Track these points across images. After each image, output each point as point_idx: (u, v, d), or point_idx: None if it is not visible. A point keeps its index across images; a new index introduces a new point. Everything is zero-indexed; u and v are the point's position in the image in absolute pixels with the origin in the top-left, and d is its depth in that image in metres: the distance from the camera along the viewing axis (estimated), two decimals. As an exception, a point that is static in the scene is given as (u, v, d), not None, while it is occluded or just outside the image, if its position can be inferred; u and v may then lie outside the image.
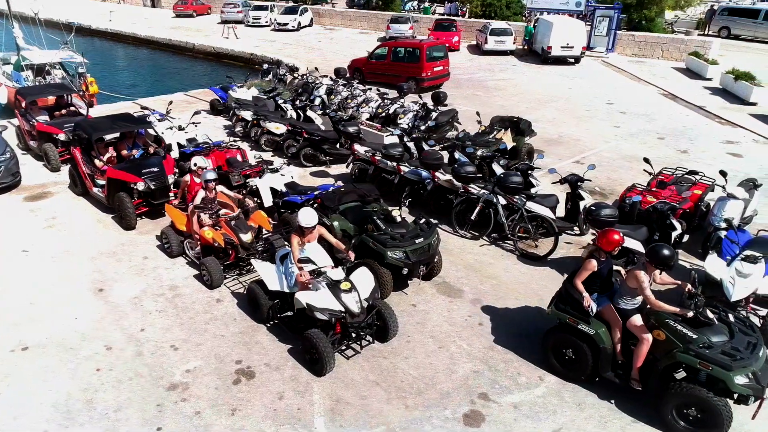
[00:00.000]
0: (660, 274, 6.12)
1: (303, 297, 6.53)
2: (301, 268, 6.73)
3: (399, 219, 8.09)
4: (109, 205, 10.33)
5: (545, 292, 8.28)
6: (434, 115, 14.11)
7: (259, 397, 6.26)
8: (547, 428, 5.88)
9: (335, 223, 8.49)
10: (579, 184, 9.56)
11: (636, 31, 28.99)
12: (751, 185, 9.78)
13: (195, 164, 9.08)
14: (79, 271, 8.69)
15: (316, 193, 9.40)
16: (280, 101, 15.03)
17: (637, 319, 5.97)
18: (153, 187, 9.84)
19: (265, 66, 19.75)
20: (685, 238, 9.67)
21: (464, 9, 37.30)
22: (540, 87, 21.43)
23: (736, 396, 5.45)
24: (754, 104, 18.51)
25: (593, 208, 8.32)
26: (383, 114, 14.99)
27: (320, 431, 5.81)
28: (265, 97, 15.67)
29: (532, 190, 10.11)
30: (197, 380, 6.49)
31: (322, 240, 7.34)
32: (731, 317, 5.91)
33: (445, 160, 11.10)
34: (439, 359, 6.88)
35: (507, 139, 12.34)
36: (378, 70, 20.71)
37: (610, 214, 8.11)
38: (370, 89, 16.49)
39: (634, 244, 8.27)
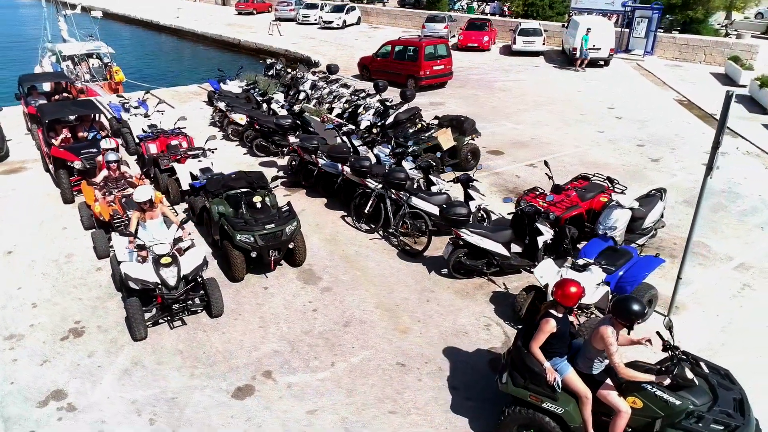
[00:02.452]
0: (628, 333, 5.24)
1: (123, 267, 7.15)
2: (131, 242, 7.36)
3: (259, 205, 8.52)
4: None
5: (398, 285, 8.44)
6: (393, 112, 14.27)
7: (73, 353, 6.96)
8: (303, 408, 6.11)
9: (213, 207, 9.04)
10: (470, 183, 9.48)
11: (685, 33, 27.15)
12: (657, 195, 9.24)
13: (102, 146, 10.01)
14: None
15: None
16: (254, 94, 15.83)
17: (611, 388, 5.03)
18: (88, 167, 10.89)
19: (268, 61, 20.70)
20: (582, 244, 9.34)
21: (510, 9, 36.53)
22: (547, 89, 20.79)
23: None
24: (775, 114, 16.96)
25: (445, 206, 8.28)
26: (350, 109, 15.37)
27: (103, 387, 6.40)
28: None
29: (433, 188, 10.15)
30: (34, 334, 7.30)
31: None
32: (704, 366, 5.06)
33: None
34: (250, 337, 7.25)
35: (445, 138, 12.29)
36: (382, 68, 21.02)
37: (460, 213, 8.03)
38: (347, 86, 16.90)
39: (494, 246, 8.16)
